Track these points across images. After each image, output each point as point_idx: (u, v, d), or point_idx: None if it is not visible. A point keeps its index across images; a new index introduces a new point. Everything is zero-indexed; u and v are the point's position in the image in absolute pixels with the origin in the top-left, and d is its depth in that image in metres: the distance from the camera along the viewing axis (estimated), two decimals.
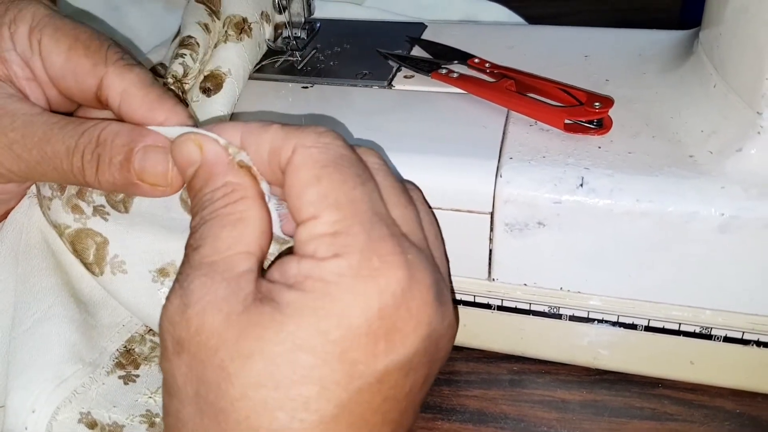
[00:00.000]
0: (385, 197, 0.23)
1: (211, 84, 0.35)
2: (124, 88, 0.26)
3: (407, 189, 0.25)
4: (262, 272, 0.23)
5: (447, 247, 0.32)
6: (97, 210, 0.29)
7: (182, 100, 0.32)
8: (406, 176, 0.30)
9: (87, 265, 0.30)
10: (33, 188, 0.32)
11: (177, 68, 0.33)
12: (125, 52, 0.27)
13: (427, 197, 0.30)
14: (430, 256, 0.23)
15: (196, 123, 0.26)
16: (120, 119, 0.27)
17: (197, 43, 0.34)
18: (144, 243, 0.30)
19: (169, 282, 0.30)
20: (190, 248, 0.22)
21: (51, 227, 0.31)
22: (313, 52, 0.41)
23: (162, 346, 0.22)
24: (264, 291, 0.21)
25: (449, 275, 0.30)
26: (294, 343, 0.20)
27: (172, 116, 0.26)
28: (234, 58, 0.36)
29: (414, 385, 0.22)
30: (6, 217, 0.32)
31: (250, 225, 0.22)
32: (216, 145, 0.23)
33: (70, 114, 0.29)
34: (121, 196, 0.29)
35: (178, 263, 0.30)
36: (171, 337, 0.21)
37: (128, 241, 0.30)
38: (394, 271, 0.21)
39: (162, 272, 0.30)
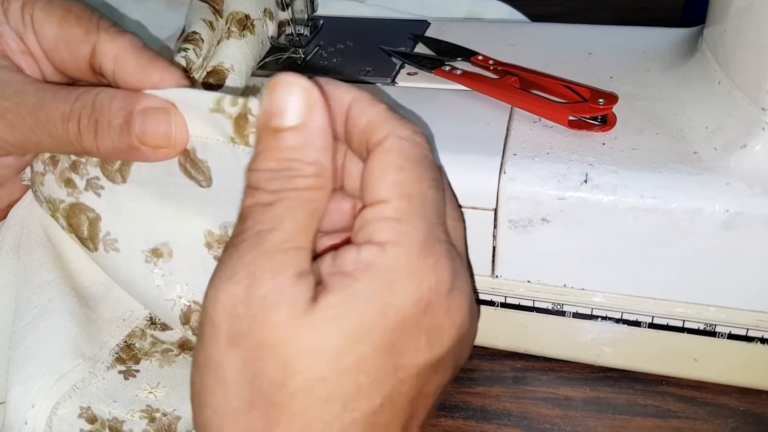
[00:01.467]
0: (446, 207, 0.24)
1: (214, 79, 0.35)
2: (117, 52, 0.26)
3: (460, 206, 0.27)
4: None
5: None
6: (90, 184, 0.29)
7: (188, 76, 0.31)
8: None
9: (82, 240, 0.30)
10: (29, 193, 0.32)
11: (179, 61, 0.33)
12: (116, 23, 0.27)
13: None
14: (468, 269, 0.24)
15: (192, 84, 0.26)
16: (116, 87, 0.27)
17: (201, 39, 0.34)
18: (137, 221, 0.29)
19: (162, 263, 0.29)
20: (260, 224, 0.20)
21: (45, 207, 0.31)
22: (316, 49, 0.41)
23: (211, 332, 0.20)
24: (325, 282, 0.21)
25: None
26: (356, 337, 0.20)
27: (166, 76, 0.26)
28: (237, 54, 0.36)
29: (440, 385, 0.23)
30: (7, 214, 0.32)
31: (319, 219, 0.22)
32: (325, 111, 0.21)
33: None
34: (117, 165, 0.28)
35: (172, 244, 0.29)
36: (229, 327, 0.20)
37: (121, 218, 0.30)
38: (445, 273, 0.21)
39: (155, 252, 0.29)
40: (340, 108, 0.23)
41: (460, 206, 0.26)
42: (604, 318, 0.32)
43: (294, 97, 0.21)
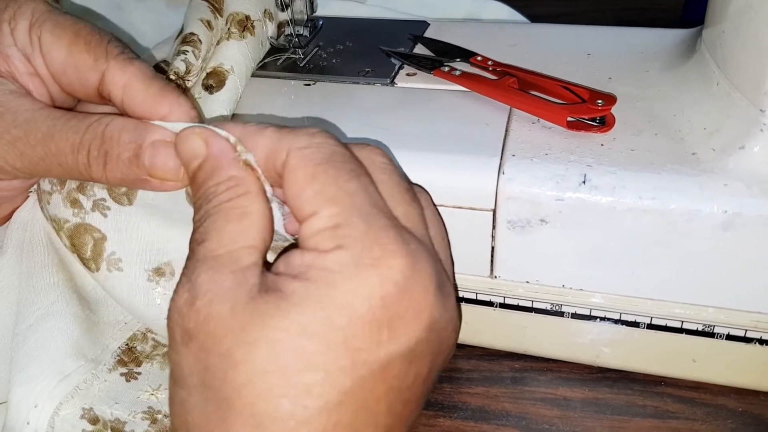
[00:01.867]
0: (387, 194, 0.23)
1: (214, 81, 0.35)
2: (126, 81, 0.26)
3: (413, 189, 0.25)
4: (268, 266, 0.23)
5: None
6: (97, 205, 0.29)
7: (185, 94, 0.32)
8: (408, 174, 0.30)
9: (84, 261, 0.30)
10: (33, 196, 0.32)
11: (179, 65, 0.33)
12: (125, 46, 0.27)
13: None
14: (432, 250, 0.23)
15: (200, 114, 0.26)
16: (123, 114, 0.27)
17: (199, 40, 0.34)
18: (143, 241, 0.30)
19: (164, 282, 0.30)
20: (194, 242, 0.22)
21: (50, 226, 0.31)
22: (315, 50, 0.41)
23: (170, 338, 0.22)
24: (269, 282, 0.21)
25: (454, 277, 0.30)
26: (298, 330, 0.20)
27: (175, 108, 0.26)
28: (237, 56, 0.36)
29: (417, 377, 0.22)
30: (11, 216, 0.32)
31: (253, 219, 0.22)
32: (221, 140, 0.24)
33: (71, 109, 0.29)
34: (124, 189, 0.29)
35: (175, 263, 0.30)
36: (179, 328, 0.21)
37: (126, 238, 0.30)
38: (396, 259, 0.21)
39: (158, 272, 0.30)
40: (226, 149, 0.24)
41: (412, 188, 0.25)
42: (602, 319, 0.32)
43: (186, 141, 0.24)
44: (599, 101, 0.31)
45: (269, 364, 0.20)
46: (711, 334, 0.31)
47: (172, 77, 0.33)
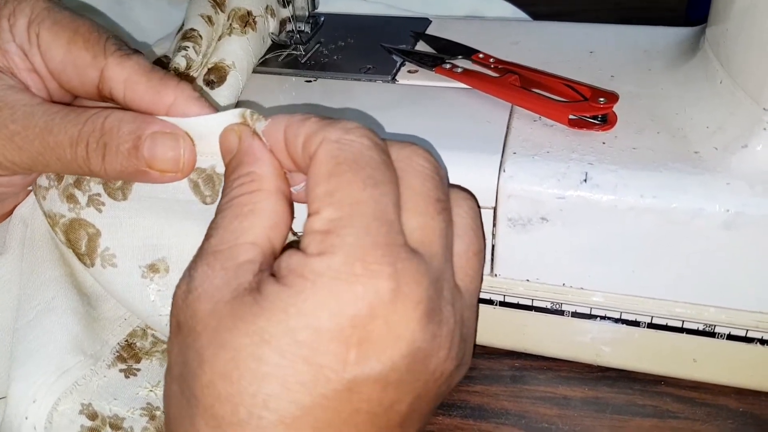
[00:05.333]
0: (410, 202, 0.22)
1: (215, 76, 0.35)
2: (127, 76, 0.26)
3: (447, 199, 0.24)
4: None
5: None
6: (92, 200, 0.29)
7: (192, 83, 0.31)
8: None
9: (79, 256, 0.30)
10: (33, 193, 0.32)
11: (180, 61, 0.33)
12: (123, 43, 0.27)
13: None
14: (436, 270, 0.22)
15: (209, 102, 0.26)
16: (127, 109, 0.27)
17: (200, 36, 0.34)
18: (137, 237, 0.30)
19: (158, 278, 0.30)
20: (205, 236, 0.23)
21: (46, 219, 0.31)
22: (317, 47, 0.41)
23: (169, 326, 0.23)
24: (258, 282, 0.21)
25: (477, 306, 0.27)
26: (262, 338, 0.20)
27: (179, 94, 0.26)
28: (238, 51, 0.36)
29: (397, 403, 0.21)
30: (12, 213, 0.32)
31: (261, 216, 0.22)
32: (253, 137, 0.24)
33: (69, 105, 0.29)
34: (119, 183, 0.29)
35: (170, 259, 0.30)
36: (174, 319, 0.22)
37: (121, 234, 0.30)
38: (376, 280, 0.20)
39: (152, 268, 0.30)
40: (278, 141, 0.23)
41: (445, 198, 0.23)
42: (603, 317, 0.32)
43: (226, 136, 0.24)
44: (601, 99, 0.31)
45: (230, 370, 0.20)
46: (712, 334, 0.31)
47: (172, 73, 0.32)
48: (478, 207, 0.26)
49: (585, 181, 0.29)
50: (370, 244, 0.20)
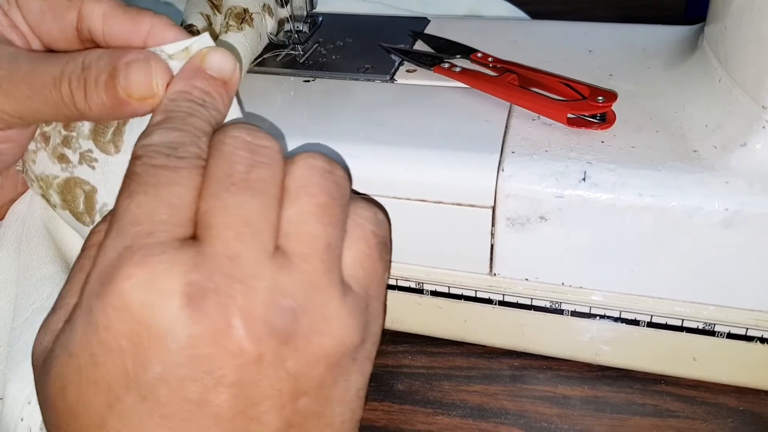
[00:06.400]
0: (206, 186, 0.21)
1: None
2: (104, 10, 0.27)
3: (261, 172, 0.21)
4: None
5: (448, 242, 0.32)
6: (84, 157, 0.29)
7: None
8: (407, 170, 0.30)
9: (78, 215, 0.30)
10: (31, 189, 0.32)
11: None
12: None
13: (428, 191, 0.30)
14: (212, 254, 0.20)
15: (182, 28, 0.27)
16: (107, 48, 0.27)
17: (198, 32, 0.34)
18: None
19: None
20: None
21: (36, 187, 0.31)
22: (315, 46, 0.41)
23: None
24: None
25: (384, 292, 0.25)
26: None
27: (156, 22, 0.26)
28: (235, 48, 0.36)
29: (211, 396, 0.19)
30: (6, 211, 0.32)
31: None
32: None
33: None
34: (109, 136, 0.28)
35: None
36: None
37: (117, 189, 0.29)
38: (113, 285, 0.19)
39: None
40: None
41: (310, 192, 0.22)
42: (602, 316, 0.32)
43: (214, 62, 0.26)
44: (600, 98, 0.31)
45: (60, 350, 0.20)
46: (711, 333, 0.31)
47: None
48: (327, 164, 0.23)
49: (584, 180, 0.29)
50: (121, 250, 0.20)
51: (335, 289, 0.21)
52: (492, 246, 0.31)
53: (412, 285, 0.34)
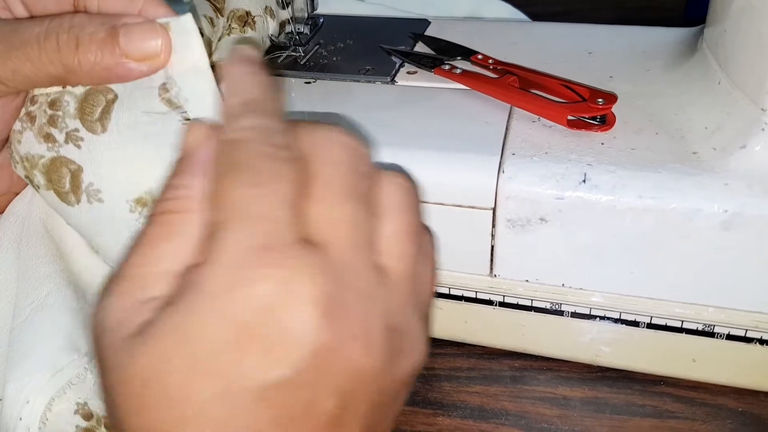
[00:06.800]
0: (313, 193, 0.21)
1: (215, 74, 0.35)
2: None
3: (365, 182, 0.22)
4: None
5: (449, 243, 0.32)
6: (70, 136, 0.29)
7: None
8: (408, 171, 0.30)
9: (63, 195, 0.29)
10: (30, 187, 0.32)
11: None
12: None
13: (429, 193, 0.30)
14: (339, 261, 0.20)
15: (171, 8, 0.27)
16: None
17: (202, 34, 0.34)
18: (120, 171, 0.29)
19: (146, 212, 0.29)
20: (128, 248, 0.21)
21: (21, 168, 0.30)
22: (316, 48, 0.41)
23: None
24: (155, 309, 0.21)
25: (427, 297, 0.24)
26: (159, 366, 0.19)
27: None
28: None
29: (315, 404, 0.19)
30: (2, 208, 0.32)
31: (182, 241, 0.21)
32: (205, 146, 0.22)
33: None
34: (97, 114, 0.28)
35: (156, 191, 0.28)
36: (93, 349, 0.22)
37: (103, 168, 0.29)
38: (262, 285, 0.19)
39: (139, 201, 0.29)
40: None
41: (364, 173, 0.21)
42: (602, 318, 0.32)
43: (191, 130, 0.23)
44: (600, 100, 0.31)
45: (138, 406, 0.19)
46: (711, 334, 0.31)
47: None
48: (413, 185, 0.23)
49: (584, 181, 0.29)
50: (252, 246, 0.19)
51: (419, 311, 0.22)
52: (492, 247, 0.31)
53: None
